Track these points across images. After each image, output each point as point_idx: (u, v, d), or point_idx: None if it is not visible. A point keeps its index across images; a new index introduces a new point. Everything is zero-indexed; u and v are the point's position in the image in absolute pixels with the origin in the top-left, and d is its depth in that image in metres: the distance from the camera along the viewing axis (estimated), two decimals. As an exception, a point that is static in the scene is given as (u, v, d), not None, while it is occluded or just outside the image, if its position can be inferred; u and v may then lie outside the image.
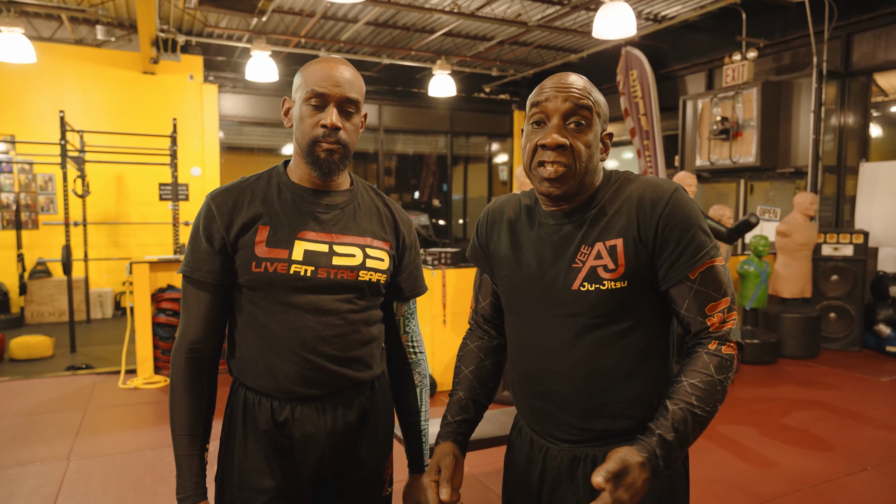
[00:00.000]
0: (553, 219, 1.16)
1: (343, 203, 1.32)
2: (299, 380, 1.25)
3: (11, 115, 7.36)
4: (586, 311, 1.10)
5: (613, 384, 1.11)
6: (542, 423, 1.18)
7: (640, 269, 1.08)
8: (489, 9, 6.82)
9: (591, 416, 1.12)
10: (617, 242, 1.08)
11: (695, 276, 1.06)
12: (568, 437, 1.15)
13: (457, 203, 11.18)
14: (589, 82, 1.13)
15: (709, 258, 1.07)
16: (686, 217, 1.06)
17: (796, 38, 6.48)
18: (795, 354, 5.52)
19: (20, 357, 5.37)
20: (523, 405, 1.22)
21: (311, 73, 1.24)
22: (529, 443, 1.22)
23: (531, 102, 1.13)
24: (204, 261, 1.25)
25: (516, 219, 1.24)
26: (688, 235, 1.06)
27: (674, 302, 1.10)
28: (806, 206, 5.64)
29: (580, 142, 1.09)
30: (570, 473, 1.14)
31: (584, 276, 1.09)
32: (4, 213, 7.43)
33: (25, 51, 5.69)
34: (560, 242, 1.14)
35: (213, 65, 8.51)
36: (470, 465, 3.23)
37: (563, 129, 1.09)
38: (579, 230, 1.13)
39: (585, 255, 1.10)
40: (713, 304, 1.07)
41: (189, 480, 1.26)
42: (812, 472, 3.19)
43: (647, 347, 1.12)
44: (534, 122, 1.12)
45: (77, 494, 2.93)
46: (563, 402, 1.13)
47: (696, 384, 1.04)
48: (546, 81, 1.13)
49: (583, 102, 1.09)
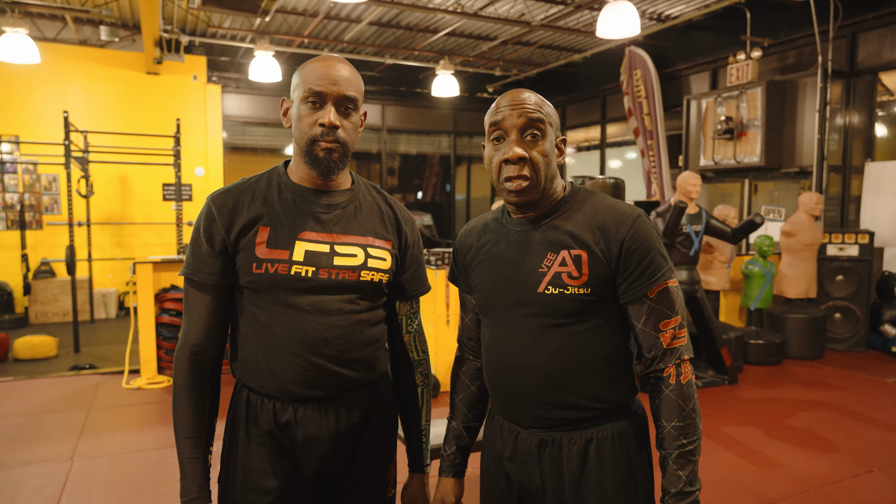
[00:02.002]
0: (520, 226, 1.27)
1: (344, 203, 1.31)
2: (301, 381, 1.24)
3: (16, 115, 7.38)
4: (550, 312, 1.20)
5: (575, 379, 1.21)
6: (512, 412, 1.28)
7: (602, 282, 1.18)
8: (492, 8, 6.81)
9: (554, 408, 1.22)
10: (581, 253, 1.19)
11: (652, 294, 1.18)
12: (535, 424, 1.25)
13: (460, 203, 11.17)
14: (539, 96, 1.24)
15: (664, 279, 1.18)
16: (647, 241, 1.18)
17: (801, 38, 6.45)
18: (800, 355, 5.50)
19: (24, 357, 5.38)
20: (494, 398, 1.33)
21: (309, 72, 1.24)
22: (501, 425, 1.32)
23: (490, 122, 1.23)
24: (205, 262, 1.24)
25: (487, 233, 1.34)
26: (647, 258, 1.17)
27: (631, 316, 1.21)
28: (811, 206, 5.62)
29: (537, 152, 1.19)
30: (538, 455, 1.25)
31: (549, 280, 1.20)
32: (9, 213, 7.46)
33: (29, 51, 5.70)
34: (527, 247, 1.24)
35: (216, 65, 8.52)
36: (473, 465, 3.22)
37: (522, 143, 1.19)
38: (544, 236, 1.23)
39: (551, 260, 1.20)
40: (666, 320, 1.19)
41: (193, 483, 1.25)
42: (817, 473, 3.17)
43: (607, 348, 1.22)
44: (494, 139, 1.23)
45: (80, 495, 2.93)
46: (530, 394, 1.23)
47: (677, 424, 1.17)
48: (500, 100, 1.23)
49: (536, 116, 1.19)
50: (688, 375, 1.19)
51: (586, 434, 1.22)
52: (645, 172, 7.84)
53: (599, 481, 1.20)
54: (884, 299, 5.82)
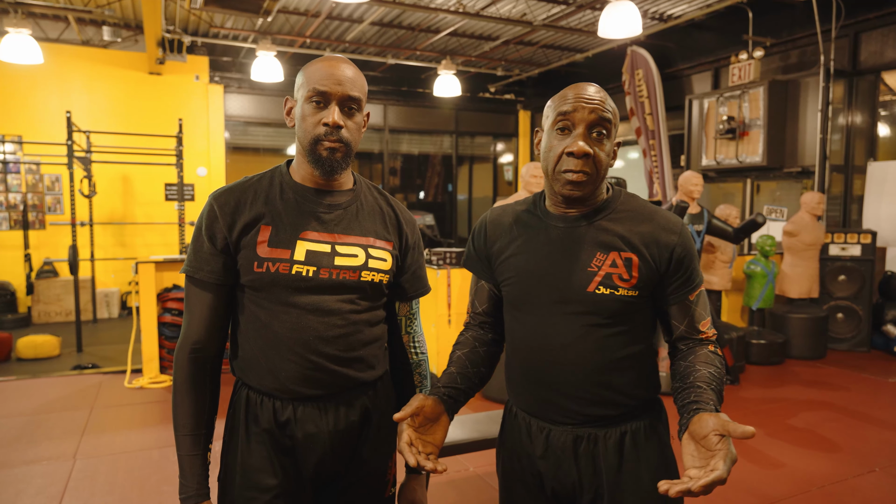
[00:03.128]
0: (563, 221, 1.26)
1: (346, 203, 1.31)
2: (301, 380, 1.25)
3: (18, 115, 7.40)
4: (598, 311, 1.22)
5: (612, 377, 1.24)
6: (545, 410, 1.28)
7: (648, 285, 1.23)
8: (494, 8, 6.82)
9: (592, 404, 1.24)
10: (632, 257, 1.22)
11: (693, 297, 1.26)
12: (570, 421, 1.26)
13: (462, 203, 11.17)
14: (606, 94, 1.24)
15: (701, 284, 1.28)
16: (691, 248, 1.25)
17: (803, 37, 6.44)
18: (802, 355, 5.49)
19: (27, 356, 5.39)
20: (525, 394, 1.32)
21: (313, 72, 1.24)
22: (527, 425, 1.32)
23: (558, 111, 1.21)
24: (206, 261, 1.25)
25: (520, 224, 1.33)
26: (692, 264, 1.25)
27: (673, 317, 1.27)
28: (813, 206, 5.61)
29: (601, 151, 1.20)
30: (573, 451, 1.26)
31: (601, 281, 1.21)
32: (12, 213, 7.48)
33: (32, 52, 5.72)
34: (572, 245, 1.24)
35: (218, 65, 8.54)
36: (473, 465, 3.22)
37: (588, 139, 1.19)
38: (591, 235, 1.24)
39: (601, 261, 1.22)
40: (704, 321, 1.27)
41: (192, 480, 1.26)
42: (819, 473, 3.17)
43: (640, 347, 1.27)
44: (558, 128, 1.21)
45: (83, 493, 2.94)
46: (569, 391, 1.24)
47: (713, 373, 1.20)
48: (569, 91, 1.22)
49: (606, 116, 1.20)
50: (721, 354, 1.26)
51: (621, 428, 1.25)
52: (647, 172, 7.84)
53: (636, 471, 1.24)
54: (886, 299, 5.81)
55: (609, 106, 1.21)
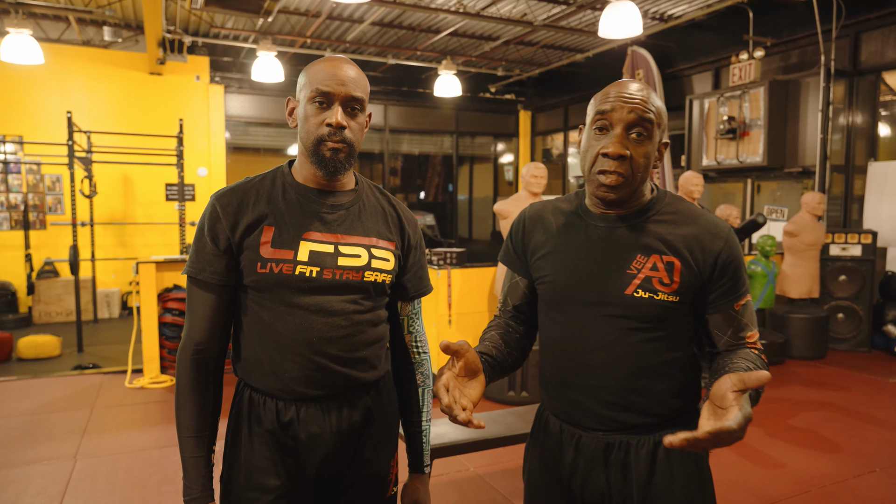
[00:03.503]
0: (604, 221, 1.22)
1: (348, 203, 1.31)
2: (304, 380, 1.25)
3: (19, 115, 7.41)
4: (636, 315, 1.18)
5: (648, 384, 1.20)
6: (576, 414, 1.24)
7: (690, 291, 1.18)
8: (494, 8, 6.82)
9: (623, 410, 1.20)
10: (674, 261, 1.17)
11: (738, 307, 1.20)
12: (600, 427, 1.22)
13: (462, 203, 11.17)
14: (651, 92, 1.18)
15: (748, 293, 1.22)
16: (738, 255, 1.20)
17: (804, 37, 6.44)
18: (803, 355, 5.49)
19: (28, 356, 5.40)
20: (557, 397, 1.28)
21: (316, 73, 1.24)
22: (559, 431, 1.28)
23: (597, 109, 1.18)
24: (209, 261, 1.25)
25: (560, 221, 1.29)
26: (738, 272, 1.19)
27: (716, 326, 1.21)
28: (814, 206, 5.61)
29: (639, 153, 1.15)
30: (603, 459, 1.22)
31: (640, 284, 1.17)
32: (12, 213, 7.48)
33: (33, 52, 5.72)
34: (612, 246, 1.20)
35: (219, 65, 8.54)
36: (474, 465, 3.22)
37: (625, 140, 1.15)
38: (632, 237, 1.20)
39: (641, 263, 1.18)
40: (751, 333, 1.22)
41: (196, 482, 1.25)
42: (820, 473, 3.17)
43: (679, 355, 1.22)
44: (597, 127, 1.18)
45: (83, 493, 2.94)
46: (601, 395, 1.20)
47: (751, 368, 1.13)
48: (611, 89, 1.18)
49: (647, 116, 1.15)
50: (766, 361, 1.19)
51: (654, 437, 1.20)
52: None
53: (669, 483, 1.19)
54: (887, 299, 5.81)
55: (652, 105, 1.16)
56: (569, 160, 10.10)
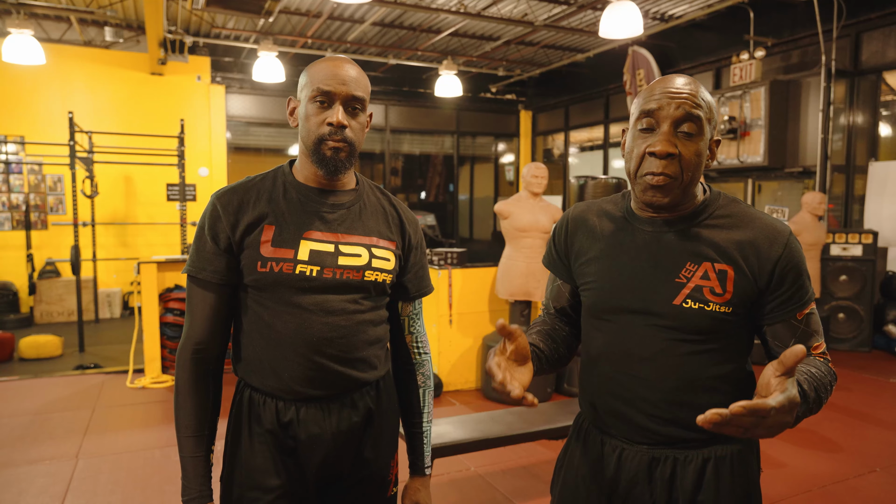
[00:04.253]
0: (651, 226, 1.15)
1: (349, 202, 1.31)
2: (304, 380, 1.25)
3: (21, 116, 7.42)
4: (685, 326, 1.11)
5: (696, 398, 1.13)
6: (619, 425, 1.19)
7: (745, 301, 1.10)
8: (495, 9, 6.82)
9: (669, 424, 1.14)
10: (727, 269, 1.09)
11: (801, 317, 1.11)
12: (644, 440, 1.16)
13: (463, 203, 11.18)
14: (699, 85, 1.11)
15: (812, 301, 1.12)
16: (800, 261, 1.11)
17: (805, 37, 6.44)
18: (804, 355, 5.48)
19: (29, 356, 5.40)
20: (599, 407, 1.22)
21: (317, 72, 1.24)
22: (600, 444, 1.23)
23: (641, 109, 1.11)
24: (209, 261, 1.24)
25: (604, 225, 1.23)
26: (800, 280, 1.10)
27: (776, 337, 1.13)
28: (814, 206, 5.60)
29: (689, 151, 1.07)
30: (648, 474, 1.16)
31: (689, 293, 1.10)
32: (14, 213, 7.49)
33: (34, 52, 5.73)
34: (660, 252, 1.14)
35: (220, 65, 8.55)
36: (475, 465, 3.22)
37: (673, 137, 1.07)
38: (682, 243, 1.12)
39: (691, 271, 1.11)
40: (817, 344, 1.12)
41: (195, 482, 1.25)
42: (820, 473, 3.17)
43: (730, 368, 1.15)
44: (641, 128, 1.10)
45: (85, 493, 2.95)
46: (646, 407, 1.15)
47: (813, 373, 1.05)
48: (656, 86, 1.11)
49: (695, 112, 1.07)
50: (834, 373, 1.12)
51: (703, 453, 1.14)
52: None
53: (715, 502, 1.13)
54: (888, 299, 5.81)
55: (702, 100, 1.08)
56: (570, 160, 10.10)
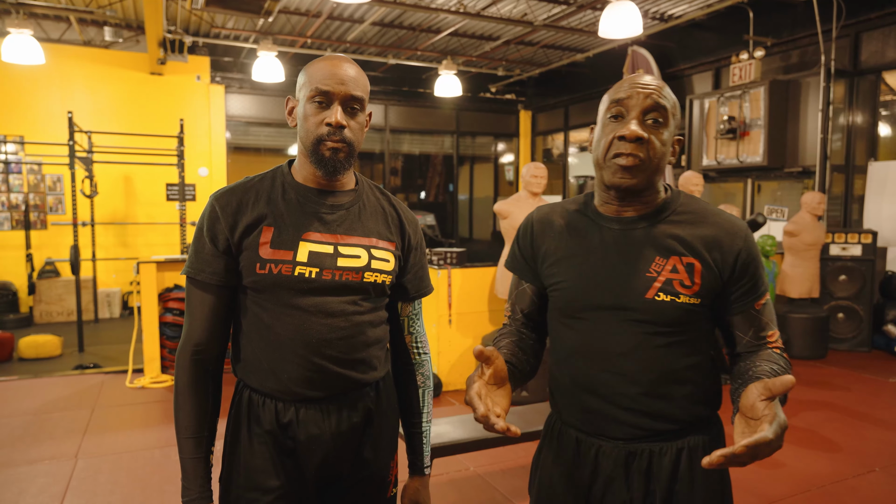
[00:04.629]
0: (619, 223, 1.20)
1: (348, 203, 1.31)
2: (304, 382, 1.24)
3: (20, 115, 7.42)
4: (658, 319, 1.15)
5: (670, 389, 1.17)
6: (597, 422, 1.21)
7: (710, 293, 1.16)
8: (495, 8, 6.82)
9: (646, 417, 1.18)
10: (694, 262, 1.15)
11: (759, 307, 1.19)
12: (622, 435, 1.19)
13: (463, 203, 11.18)
14: (665, 84, 1.18)
15: (767, 292, 1.20)
16: (757, 254, 1.19)
17: (804, 37, 6.44)
18: (803, 355, 5.49)
19: (29, 356, 5.40)
20: (574, 406, 1.24)
21: (316, 71, 1.23)
22: (575, 442, 1.24)
23: (611, 99, 1.17)
24: (208, 262, 1.24)
25: (570, 225, 1.26)
26: (757, 272, 1.18)
27: (736, 326, 1.20)
28: (814, 206, 5.61)
29: (657, 137, 1.14)
30: (625, 469, 1.19)
31: (660, 287, 1.15)
32: (13, 213, 7.49)
33: (34, 52, 5.73)
34: (629, 248, 1.18)
35: (219, 65, 8.55)
36: (474, 465, 3.23)
37: (642, 124, 1.13)
38: (649, 238, 1.17)
39: (661, 265, 1.16)
40: (771, 332, 1.20)
41: (195, 483, 1.25)
42: (819, 473, 3.17)
43: (699, 359, 1.20)
44: (611, 116, 1.16)
45: (85, 493, 2.95)
46: (624, 403, 1.18)
47: (776, 370, 1.11)
48: (625, 81, 1.17)
49: (662, 102, 1.14)
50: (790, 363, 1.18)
51: (677, 444, 1.18)
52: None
53: (690, 492, 1.17)
54: (887, 299, 5.81)
55: (667, 94, 1.15)
56: (569, 160, 10.10)
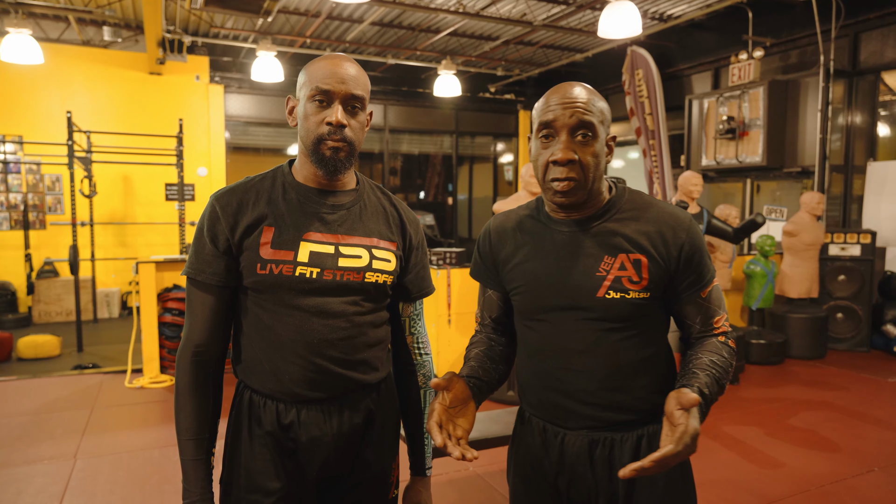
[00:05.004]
0: (567, 227, 1.25)
1: (349, 203, 1.30)
2: (305, 383, 1.24)
3: (19, 115, 7.41)
4: (611, 316, 1.20)
5: (628, 381, 1.22)
6: (561, 415, 1.27)
7: (659, 285, 1.21)
8: (494, 8, 6.82)
9: (606, 409, 1.23)
10: (641, 258, 1.20)
11: (705, 294, 1.24)
12: (584, 426, 1.25)
13: (462, 203, 11.18)
14: (592, 91, 1.20)
15: (713, 279, 1.25)
16: (701, 245, 1.22)
17: (803, 37, 6.45)
18: (802, 355, 5.49)
19: (28, 356, 5.40)
20: (539, 400, 1.30)
21: (316, 71, 1.22)
22: (542, 431, 1.30)
23: (539, 121, 1.20)
24: (208, 262, 1.24)
25: (525, 230, 1.31)
26: (702, 261, 1.22)
27: (686, 315, 1.25)
28: (813, 206, 5.61)
29: (588, 154, 1.17)
30: (589, 456, 1.24)
31: (610, 285, 1.19)
32: (12, 213, 7.48)
33: (33, 52, 5.72)
34: (578, 250, 1.23)
35: (218, 65, 8.54)
36: (474, 465, 3.22)
37: (572, 143, 1.16)
38: (597, 239, 1.22)
39: (609, 264, 1.20)
40: (718, 317, 1.25)
41: (195, 485, 1.25)
42: (819, 473, 3.17)
43: (654, 350, 1.25)
44: (542, 136, 1.20)
45: (84, 493, 2.94)
46: (585, 396, 1.23)
47: (715, 361, 1.18)
48: (551, 97, 1.19)
49: (587, 118, 1.16)
50: (733, 346, 1.25)
51: (637, 433, 1.23)
52: (647, 172, 7.84)
53: (651, 476, 1.20)
54: (886, 299, 5.82)
55: (594, 106, 1.17)
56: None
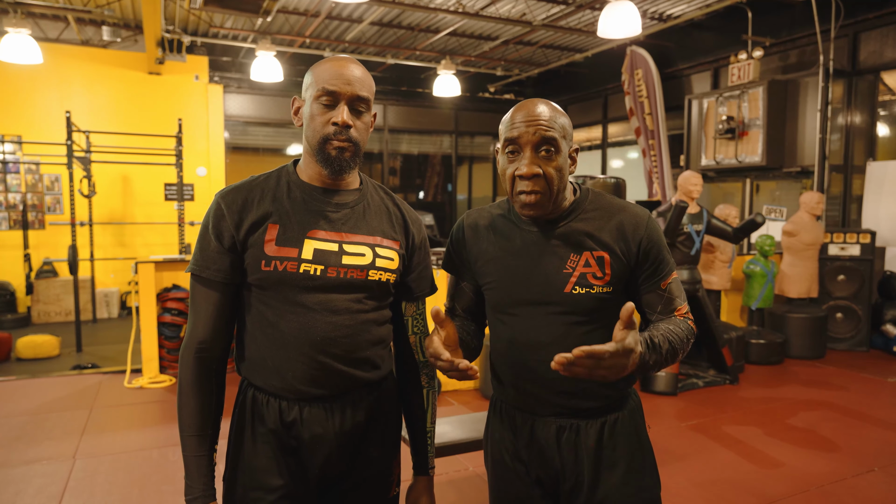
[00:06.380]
0: (535, 226, 1.33)
1: (353, 202, 1.31)
2: (308, 380, 1.25)
3: (18, 115, 7.40)
4: (577, 310, 1.29)
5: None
6: (531, 403, 1.35)
7: (621, 279, 1.30)
8: (494, 8, 6.82)
9: (575, 397, 1.31)
10: (604, 255, 1.28)
11: (665, 286, 1.32)
12: (553, 413, 1.33)
13: (461, 203, 11.18)
14: (554, 108, 1.27)
15: (672, 271, 1.33)
16: (659, 239, 1.31)
17: (803, 37, 6.45)
18: (802, 355, 5.50)
19: (27, 356, 5.39)
20: (510, 389, 1.38)
21: (323, 72, 1.24)
22: (513, 417, 1.38)
23: (505, 137, 1.27)
24: (213, 259, 1.24)
25: (496, 228, 1.39)
26: (661, 255, 1.31)
27: (647, 306, 1.33)
28: (812, 206, 5.62)
29: (551, 167, 1.25)
30: (556, 440, 1.33)
31: (576, 281, 1.28)
32: (11, 213, 7.47)
33: (32, 51, 5.71)
34: (546, 248, 1.31)
35: (218, 65, 8.54)
36: (474, 465, 3.22)
37: (536, 158, 1.24)
38: (563, 238, 1.31)
39: (575, 262, 1.29)
40: (679, 307, 1.33)
41: (198, 481, 1.25)
42: (818, 472, 3.17)
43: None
44: (508, 152, 1.27)
45: (83, 493, 2.94)
46: (554, 386, 1.31)
47: (671, 329, 1.26)
48: (516, 114, 1.26)
49: (550, 135, 1.23)
50: (693, 327, 1.32)
51: (601, 419, 1.32)
52: (646, 172, 7.84)
53: (612, 458, 1.31)
54: (885, 299, 5.82)
55: (555, 122, 1.24)
56: (568, 160, 10.10)
